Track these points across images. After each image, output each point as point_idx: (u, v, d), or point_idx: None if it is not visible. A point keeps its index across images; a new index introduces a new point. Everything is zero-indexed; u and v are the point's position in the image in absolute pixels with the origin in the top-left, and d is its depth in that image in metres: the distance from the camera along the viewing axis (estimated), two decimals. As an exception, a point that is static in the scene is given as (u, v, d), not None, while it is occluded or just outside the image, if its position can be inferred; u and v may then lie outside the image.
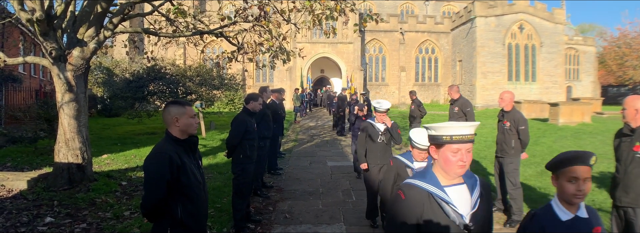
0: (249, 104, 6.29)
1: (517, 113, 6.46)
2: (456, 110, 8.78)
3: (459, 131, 2.23)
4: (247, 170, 5.98)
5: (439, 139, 2.26)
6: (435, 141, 2.31)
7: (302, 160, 12.03)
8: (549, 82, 37.78)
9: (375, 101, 6.25)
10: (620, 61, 49.53)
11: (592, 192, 7.76)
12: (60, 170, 7.33)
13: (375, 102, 6.22)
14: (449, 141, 2.23)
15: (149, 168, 2.92)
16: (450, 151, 2.23)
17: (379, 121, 6.23)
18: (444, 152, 2.26)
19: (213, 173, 9.49)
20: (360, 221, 6.47)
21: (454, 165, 2.23)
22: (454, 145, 2.23)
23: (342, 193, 8.22)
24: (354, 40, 37.02)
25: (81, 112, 7.47)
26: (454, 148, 2.23)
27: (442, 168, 2.30)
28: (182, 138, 3.06)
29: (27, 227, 5.55)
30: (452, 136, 2.22)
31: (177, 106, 3.08)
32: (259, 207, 7.25)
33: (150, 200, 2.88)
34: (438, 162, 2.32)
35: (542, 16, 37.49)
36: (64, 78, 7.14)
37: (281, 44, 9.72)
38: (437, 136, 2.28)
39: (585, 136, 15.95)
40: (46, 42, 6.88)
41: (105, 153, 11.61)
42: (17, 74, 20.23)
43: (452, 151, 2.23)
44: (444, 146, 2.26)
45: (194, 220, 3.02)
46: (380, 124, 6.23)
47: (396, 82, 41.70)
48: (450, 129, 2.23)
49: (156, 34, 8.95)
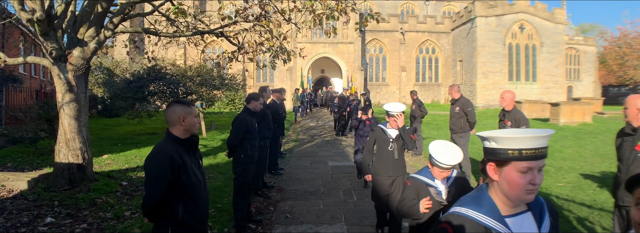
0: (250, 104, 6.28)
1: (518, 113, 6.45)
2: (457, 110, 8.76)
3: (530, 143, 1.73)
4: (248, 169, 5.97)
5: (503, 155, 1.78)
6: (495, 156, 1.81)
7: (303, 159, 12.02)
8: (549, 82, 37.75)
9: (388, 105, 5.45)
10: (621, 61, 49.53)
11: (593, 192, 7.75)
12: (61, 170, 7.32)
13: (388, 105, 5.43)
14: (516, 157, 1.74)
15: (150, 167, 2.90)
16: (517, 171, 1.75)
17: (393, 126, 5.42)
18: (508, 172, 1.77)
19: (214, 173, 9.47)
20: (362, 221, 6.45)
21: (522, 189, 1.74)
22: (524, 163, 1.73)
23: (343, 193, 8.21)
24: (354, 40, 37.00)
25: (81, 112, 7.46)
26: (523, 166, 1.73)
27: (504, 193, 1.81)
28: (183, 137, 3.05)
29: (28, 227, 5.54)
30: (521, 151, 1.73)
31: (183, 105, 3.09)
32: (260, 206, 7.23)
33: (151, 199, 2.87)
34: (499, 185, 1.82)
35: (542, 16, 37.45)
36: (64, 78, 7.13)
37: (282, 44, 9.71)
38: (500, 150, 1.79)
39: (586, 136, 15.94)
40: (46, 42, 6.87)
41: (105, 153, 11.60)
42: (17, 74, 20.23)
43: (520, 170, 1.74)
44: (510, 164, 1.77)
45: (195, 219, 3.01)
46: (392, 130, 5.46)
47: (397, 82, 41.68)
48: (518, 140, 1.74)
49: (156, 34, 8.94)
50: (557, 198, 7.35)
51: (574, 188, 8.02)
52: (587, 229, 5.84)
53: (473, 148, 11.51)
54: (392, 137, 5.43)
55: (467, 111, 8.64)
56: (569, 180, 8.79)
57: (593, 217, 6.32)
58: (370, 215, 6.70)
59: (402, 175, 5.41)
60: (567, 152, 12.27)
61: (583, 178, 8.93)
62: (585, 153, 12.15)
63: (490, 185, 1.89)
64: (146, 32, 8.78)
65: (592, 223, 6.06)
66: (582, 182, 8.55)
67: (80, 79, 7.42)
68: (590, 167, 10.03)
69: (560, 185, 8.29)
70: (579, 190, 7.84)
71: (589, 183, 8.41)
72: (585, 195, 7.52)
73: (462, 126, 8.70)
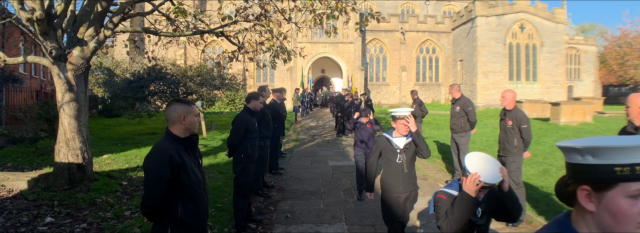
0: (250, 103, 6.27)
1: (519, 112, 6.43)
2: (458, 109, 8.74)
3: None
4: (248, 169, 5.96)
5: (606, 174, 1.23)
6: (593, 176, 1.26)
7: (303, 159, 12.00)
8: (550, 81, 37.71)
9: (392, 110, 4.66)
10: (621, 61, 49.54)
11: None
12: (61, 169, 7.30)
13: (392, 111, 4.66)
14: (628, 176, 1.21)
15: (149, 166, 2.89)
16: (627, 197, 1.21)
17: (402, 131, 4.63)
18: (613, 199, 1.22)
19: (214, 173, 9.46)
20: (362, 220, 6.44)
21: (633, 221, 1.21)
22: (636, 184, 1.20)
23: (344, 192, 8.20)
24: (354, 40, 36.97)
25: (81, 112, 7.44)
26: (636, 189, 1.20)
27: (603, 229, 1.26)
28: (183, 136, 3.04)
29: (27, 227, 5.53)
30: (635, 167, 1.20)
31: (184, 104, 3.09)
32: (260, 206, 7.23)
33: (151, 198, 2.85)
34: (596, 217, 1.27)
35: (543, 16, 37.42)
36: (64, 78, 7.12)
37: (282, 44, 9.69)
38: (601, 167, 1.24)
39: (587, 135, 15.89)
40: (46, 42, 6.86)
41: (105, 153, 11.58)
42: (17, 74, 20.20)
43: (631, 195, 1.21)
44: (616, 187, 1.22)
45: (194, 219, 3.00)
46: (399, 139, 4.71)
47: (397, 82, 41.66)
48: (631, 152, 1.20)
49: (156, 34, 8.92)
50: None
51: (575, 188, 7.97)
52: (588, 228, 5.80)
53: (473, 148, 11.48)
54: (400, 147, 4.68)
55: (468, 111, 8.62)
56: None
57: (594, 216, 6.29)
58: (371, 214, 6.70)
59: (414, 189, 4.81)
60: (568, 152, 12.21)
61: (584, 177, 8.88)
62: (586, 152, 12.10)
63: (580, 216, 1.33)
64: (146, 31, 8.77)
65: (594, 222, 6.03)
66: (583, 182, 8.50)
67: (80, 78, 7.41)
68: (591, 167, 9.98)
69: (561, 185, 8.24)
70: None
71: (590, 183, 8.37)
72: (586, 194, 7.48)
73: (463, 126, 8.69)
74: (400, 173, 4.67)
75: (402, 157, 4.66)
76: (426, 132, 16.40)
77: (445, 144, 13.18)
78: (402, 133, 4.65)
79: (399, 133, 4.68)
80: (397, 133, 4.72)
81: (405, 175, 4.69)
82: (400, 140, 4.71)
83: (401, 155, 4.66)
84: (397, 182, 4.68)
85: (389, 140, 4.76)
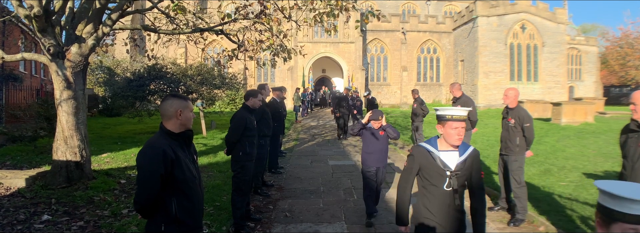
0: (249, 101, 6.22)
1: (521, 110, 6.37)
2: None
3: None
4: (247, 167, 5.90)
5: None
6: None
7: (303, 158, 11.95)
8: (551, 82, 37.64)
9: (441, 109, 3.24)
10: (622, 61, 49.47)
11: (597, 190, 7.65)
12: (59, 167, 7.26)
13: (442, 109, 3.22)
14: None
15: (142, 162, 2.82)
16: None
17: (451, 142, 3.15)
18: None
19: (213, 172, 9.41)
20: (362, 220, 6.38)
21: None
22: None
23: (344, 192, 8.14)
24: (355, 39, 36.92)
25: (80, 109, 7.40)
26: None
27: None
28: (177, 131, 2.98)
29: (24, 225, 5.48)
30: None
31: (180, 99, 3.03)
32: (259, 205, 7.17)
33: (144, 195, 2.79)
34: None
35: (544, 16, 37.36)
36: (62, 75, 7.07)
37: (282, 42, 9.64)
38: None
39: (589, 135, 15.85)
40: (44, 39, 6.81)
41: (105, 152, 11.53)
42: (17, 73, 20.20)
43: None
44: None
45: (189, 215, 2.93)
46: (448, 154, 3.20)
47: (398, 82, 41.60)
48: None
49: (155, 31, 8.87)
50: (560, 197, 7.27)
51: (577, 188, 7.94)
52: (591, 228, 5.76)
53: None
54: (451, 168, 3.16)
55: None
56: (572, 179, 8.71)
57: (596, 216, 6.23)
58: (371, 213, 6.64)
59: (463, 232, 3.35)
60: (570, 151, 12.19)
61: (586, 177, 8.85)
62: (588, 152, 12.08)
63: None
64: (145, 29, 8.73)
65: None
66: (585, 181, 8.47)
67: (78, 76, 7.36)
68: (593, 166, 9.95)
69: (563, 184, 8.21)
70: (582, 189, 7.77)
71: (591, 182, 8.32)
72: (588, 194, 7.44)
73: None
74: (448, 206, 3.21)
75: (452, 183, 3.17)
76: (427, 132, 16.33)
77: (446, 143, 13.10)
78: (453, 143, 3.16)
79: (448, 143, 3.19)
80: (444, 143, 3.22)
81: (455, 209, 3.23)
82: (450, 156, 3.20)
83: (451, 180, 3.16)
84: (443, 218, 3.22)
85: (431, 154, 3.23)
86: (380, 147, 6.30)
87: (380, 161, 6.29)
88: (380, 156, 6.30)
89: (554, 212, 6.43)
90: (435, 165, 3.18)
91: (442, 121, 3.17)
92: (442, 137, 3.23)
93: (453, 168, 3.15)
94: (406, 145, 14.41)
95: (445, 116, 3.14)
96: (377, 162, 6.27)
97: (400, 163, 10.64)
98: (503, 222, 6.31)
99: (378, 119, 6.15)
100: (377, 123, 6.18)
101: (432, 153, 3.22)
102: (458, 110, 3.16)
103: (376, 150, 6.29)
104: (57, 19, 7.14)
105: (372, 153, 6.29)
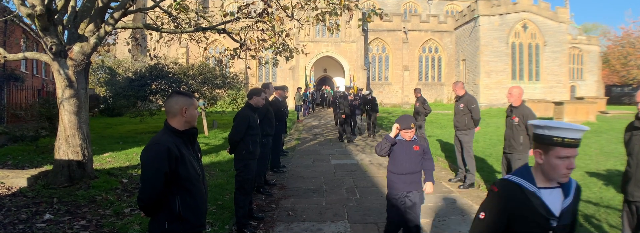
0: (252, 99, 6.19)
1: (526, 109, 6.35)
2: (461, 107, 8.64)
3: None
4: (250, 166, 5.87)
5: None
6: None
7: (305, 158, 11.93)
8: (552, 81, 37.63)
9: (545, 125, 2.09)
10: (624, 61, 49.46)
11: (599, 189, 7.65)
12: (60, 167, 7.24)
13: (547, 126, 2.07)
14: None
15: (146, 160, 2.80)
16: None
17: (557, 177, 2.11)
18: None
19: (215, 171, 9.39)
20: (365, 218, 6.36)
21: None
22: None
23: (346, 190, 8.11)
24: (357, 39, 36.91)
25: (82, 108, 7.38)
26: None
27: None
28: (182, 129, 2.96)
29: (26, 224, 5.46)
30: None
31: (185, 96, 3.03)
32: (261, 204, 7.15)
33: (147, 192, 2.76)
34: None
35: (545, 15, 37.34)
36: (64, 74, 7.06)
37: (284, 41, 9.62)
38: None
39: (590, 134, 15.80)
40: (46, 38, 6.80)
41: (107, 151, 11.52)
42: (19, 73, 20.22)
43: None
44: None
45: (193, 213, 2.91)
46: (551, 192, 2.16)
47: (399, 81, 41.59)
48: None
49: (158, 30, 8.85)
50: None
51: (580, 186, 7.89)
52: (594, 227, 5.74)
53: (477, 146, 11.41)
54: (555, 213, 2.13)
55: (472, 108, 8.52)
56: (574, 177, 8.62)
57: (600, 214, 6.22)
58: (374, 212, 6.62)
59: None
60: (572, 150, 12.13)
61: (588, 176, 8.82)
62: (590, 151, 12.03)
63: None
64: (147, 27, 8.70)
65: (599, 220, 5.96)
66: (587, 180, 8.43)
67: (80, 75, 7.35)
68: (596, 165, 9.91)
69: (566, 183, 8.16)
70: (585, 188, 7.72)
71: (594, 181, 8.30)
72: (591, 192, 7.41)
73: (467, 123, 8.59)
74: None
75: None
76: (429, 131, 16.31)
77: (449, 143, 13.09)
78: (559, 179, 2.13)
79: (549, 177, 2.15)
80: (544, 178, 2.17)
81: None
82: (553, 196, 2.17)
83: None
84: None
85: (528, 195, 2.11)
86: (414, 165, 4.71)
87: (414, 184, 4.68)
88: (414, 178, 4.70)
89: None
90: (536, 212, 2.09)
91: (545, 145, 2.11)
92: (539, 168, 2.17)
93: (557, 213, 2.12)
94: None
95: (553, 139, 2.07)
96: (410, 185, 4.67)
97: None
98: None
99: (410, 128, 4.62)
100: (410, 132, 4.66)
101: (529, 193, 2.11)
102: (573, 130, 2.06)
103: (408, 170, 4.68)
104: (59, 17, 7.13)
105: (402, 174, 4.67)
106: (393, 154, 4.73)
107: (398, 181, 4.68)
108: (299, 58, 33.78)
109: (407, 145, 4.68)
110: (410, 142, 4.69)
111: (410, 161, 4.65)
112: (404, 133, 4.63)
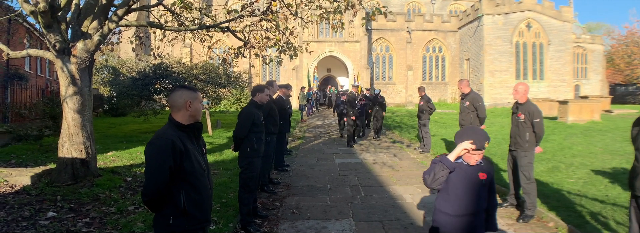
0: (256, 96, 6.16)
1: (531, 106, 6.30)
2: (467, 105, 8.61)
3: None
4: (254, 163, 5.84)
5: None
6: None
7: (309, 157, 11.89)
8: (557, 80, 37.51)
9: None
10: (628, 60, 49.37)
11: (605, 187, 7.60)
12: (64, 164, 7.23)
13: None
14: None
15: (151, 154, 2.77)
16: None
17: None
18: None
19: (219, 169, 9.37)
20: (370, 216, 6.32)
21: None
22: None
23: (351, 189, 8.08)
24: (360, 39, 36.86)
25: (85, 106, 7.36)
26: None
27: None
28: (186, 123, 2.93)
29: (29, 221, 5.45)
30: None
31: (190, 90, 3.00)
32: (265, 202, 7.12)
33: (151, 187, 2.73)
34: None
35: (549, 14, 37.22)
36: (67, 71, 7.05)
37: (288, 39, 9.60)
38: None
39: (595, 133, 15.74)
40: (50, 35, 6.78)
41: (111, 150, 11.52)
42: (23, 72, 20.24)
43: None
44: None
45: (198, 208, 2.87)
46: None
47: (403, 81, 41.52)
48: None
49: (161, 28, 8.82)
50: (568, 193, 7.19)
51: (586, 184, 7.86)
52: (601, 223, 5.69)
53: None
54: None
55: (477, 106, 8.49)
56: (580, 175, 8.63)
57: (606, 211, 6.18)
58: (379, 210, 6.59)
59: None
60: (577, 149, 12.08)
61: (594, 174, 8.76)
62: (595, 149, 11.97)
63: None
64: (151, 25, 8.68)
65: (606, 217, 5.91)
66: (593, 178, 8.38)
67: (84, 72, 7.33)
68: (601, 163, 9.86)
69: (571, 181, 8.13)
70: (590, 186, 7.68)
71: (600, 179, 8.25)
72: (597, 190, 7.36)
73: (472, 121, 8.55)
74: None
75: None
76: (433, 130, 16.25)
77: (453, 141, 13.04)
78: None
79: None
80: None
81: None
82: None
83: None
84: None
85: None
86: (479, 202, 3.25)
87: (475, 228, 3.26)
88: (476, 221, 3.26)
89: (563, 208, 6.35)
90: None
91: None
92: None
93: None
94: (412, 143, 14.34)
95: None
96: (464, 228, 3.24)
97: (407, 161, 10.56)
98: (512, 218, 6.23)
99: (483, 148, 3.17)
100: (478, 155, 3.20)
101: None
102: None
103: (471, 210, 3.23)
104: (62, 15, 7.11)
105: (460, 215, 3.23)
106: (447, 185, 3.26)
107: (452, 227, 3.23)
108: (303, 58, 33.75)
109: (471, 172, 3.22)
110: (475, 167, 3.24)
111: (474, 195, 3.21)
112: (469, 155, 3.20)
